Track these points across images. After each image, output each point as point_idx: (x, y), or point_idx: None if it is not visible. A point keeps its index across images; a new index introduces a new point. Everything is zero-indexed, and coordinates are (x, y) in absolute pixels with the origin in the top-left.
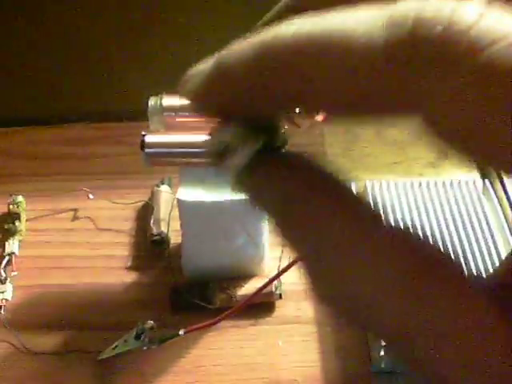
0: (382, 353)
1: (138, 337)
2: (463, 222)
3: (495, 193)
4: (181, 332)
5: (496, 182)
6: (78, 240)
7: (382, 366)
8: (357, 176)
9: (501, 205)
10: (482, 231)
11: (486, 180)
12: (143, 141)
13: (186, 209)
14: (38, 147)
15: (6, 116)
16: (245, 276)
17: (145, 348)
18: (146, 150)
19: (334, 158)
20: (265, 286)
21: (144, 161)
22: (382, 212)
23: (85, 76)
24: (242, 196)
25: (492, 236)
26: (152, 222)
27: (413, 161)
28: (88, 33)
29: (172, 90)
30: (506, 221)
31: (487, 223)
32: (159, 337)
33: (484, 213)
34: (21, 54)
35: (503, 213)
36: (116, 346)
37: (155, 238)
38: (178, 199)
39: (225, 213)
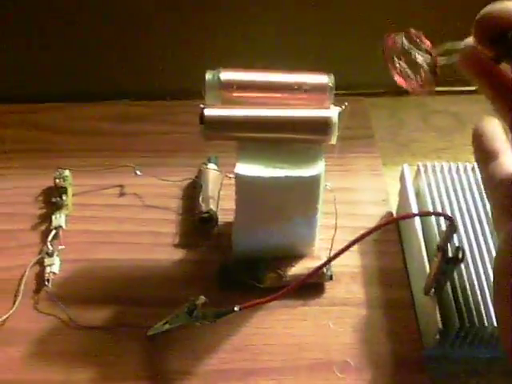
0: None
1: (189, 313)
2: None
3: None
4: (236, 308)
5: None
6: (124, 216)
7: (435, 351)
8: (405, 161)
9: None
10: None
11: None
12: (202, 114)
13: (243, 184)
14: (81, 123)
15: (47, 91)
16: (295, 256)
17: (198, 324)
18: (206, 122)
19: (382, 143)
20: (320, 267)
21: (203, 134)
22: None
23: (127, 53)
24: (300, 174)
25: None
26: (201, 199)
27: (459, 148)
28: (132, 9)
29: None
30: None
31: None
32: (213, 312)
33: None
34: (62, 31)
35: None
36: (166, 322)
37: (204, 215)
38: (237, 174)
39: (281, 189)
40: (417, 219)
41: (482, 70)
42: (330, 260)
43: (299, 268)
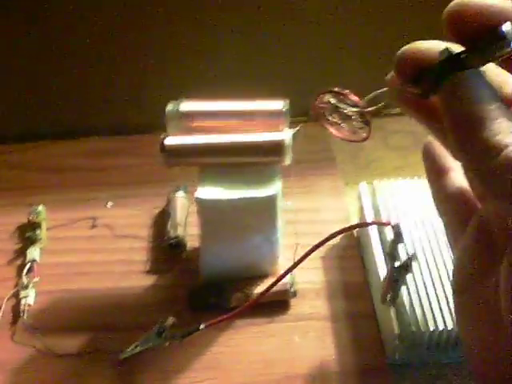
0: (395, 345)
1: (159, 334)
2: None
3: None
4: (201, 326)
5: None
6: (97, 247)
7: (396, 358)
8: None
9: None
10: None
11: None
12: (163, 143)
13: (204, 207)
14: (54, 160)
15: (20, 132)
16: (260, 276)
17: (167, 344)
18: (166, 150)
19: (343, 165)
20: (280, 278)
21: (164, 162)
22: None
23: (99, 90)
24: (256, 195)
25: None
26: (169, 226)
27: (417, 165)
28: (103, 50)
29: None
30: None
31: None
32: (181, 332)
33: None
34: (33, 72)
35: None
36: (138, 345)
37: (172, 241)
38: (197, 197)
39: (240, 210)
40: (374, 234)
41: (411, 107)
42: (287, 272)
43: (264, 287)
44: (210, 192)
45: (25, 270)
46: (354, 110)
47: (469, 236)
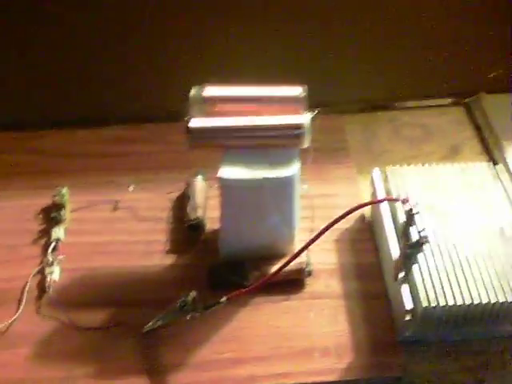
0: (406, 321)
1: (181, 307)
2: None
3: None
4: (223, 299)
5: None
6: (119, 228)
7: (407, 334)
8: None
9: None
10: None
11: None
12: (187, 124)
13: (226, 186)
14: (76, 146)
15: (43, 117)
16: (277, 255)
17: (188, 317)
18: (191, 131)
19: (357, 154)
20: (296, 255)
21: (188, 143)
22: None
23: (122, 80)
24: (276, 175)
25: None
26: (189, 208)
27: (427, 155)
28: (126, 40)
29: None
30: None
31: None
32: (203, 305)
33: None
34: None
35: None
36: (160, 318)
37: (192, 222)
38: (220, 177)
39: (260, 190)
40: (387, 216)
41: None
42: (302, 249)
43: (281, 266)
44: (231, 172)
45: (50, 249)
46: None
47: None
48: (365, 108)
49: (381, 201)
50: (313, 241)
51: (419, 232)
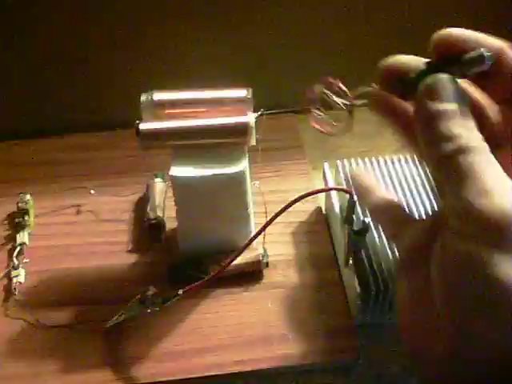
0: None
1: (141, 302)
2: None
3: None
4: (180, 291)
5: None
6: (82, 231)
7: (361, 318)
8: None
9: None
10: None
11: None
12: (137, 127)
13: (178, 184)
14: (38, 155)
15: (10, 129)
16: (234, 250)
17: (148, 311)
18: (141, 134)
19: (310, 150)
20: (250, 241)
21: (140, 145)
22: None
23: (81, 91)
24: (226, 171)
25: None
26: (149, 208)
27: (380, 149)
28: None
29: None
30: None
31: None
32: (161, 299)
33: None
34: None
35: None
36: (122, 313)
37: (152, 221)
38: (171, 175)
39: (212, 187)
40: (337, 207)
41: (387, 111)
42: (256, 235)
43: (239, 259)
44: (182, 170)
45: (15, 253)
46: (343, 101)
47: (406, 237)
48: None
49: (325, 190)
50: (261, 230)
51: (362, 219)
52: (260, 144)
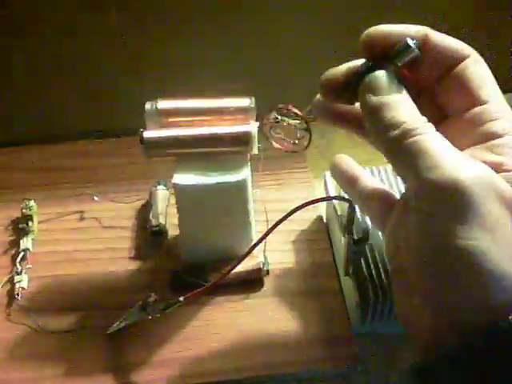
0: (358, 315)
1: (142, 309)
2: None
3: None
4: (181, 298)
5: None
6: (85, 237)
7: (360, 327)
8: None
9: None
10: None
11: None
12: (142, 135)
13: (180, 192)
14: (42, 162)
15: (15, 135)
16: (235, 257)
17: (150, 317)
18: (145, 142)
19: (313, 160)
20: (251, 249)
21: (143, 153)
22: None
23: (85, 98)
24: (228, 180)
25: None
26: (151, 215)
27: (381, 158)
28: (87, 56)
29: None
30: None
31: None
32: (162, 305)
33: None
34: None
35: None
36: (123, 320)
37: (155, 229)
38: (174, 183)
39: (214, 195)
40: (338, 216)
41: (335, 117)
42: (257, 243)
43: (239, 267)
44: (185, 178)
45: (18, 258)
46: (295, 120)
47: (391, 222)
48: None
49: (326, 199)
50: (263, 238)
51: (363, 227)
52: (261, 152)
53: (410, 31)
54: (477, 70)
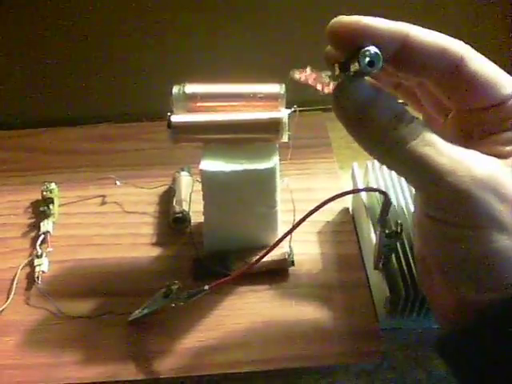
0: (386, 309)
1: (165, 296)
2: None
3: None
4: (206, 287)
5: None
6: (106, 221)
7: (387, 322)
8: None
9: None
10: None
11: None
12: (169, 120)
13: (207, 178)
14: (65, 144)
15: (37, 117)
16: (261, 246)
17: (173, 305)
18: (173, 126)
19: (339, 150)
20: (277, 243)
21: (170, 138)
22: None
23: (108, 81)
24: (256, 167)
25: None
26: (174, 202)
27: None
28: (109, 39)
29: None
30: None
31: None
32: (186, 293)
33: None
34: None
35: None
36: (145, 307)
37: (177, 215)
38: (201, 169)
39: (241, 182)
40: (367, 208)
41: None
42: (284, 236)
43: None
44: (213, 164)
45: (39, 241)
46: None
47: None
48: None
49: (358, 190)
50: (293, 229)
51: (396, 222)
52: (290, 141)
53: (384, 34)
54: (480, 65)
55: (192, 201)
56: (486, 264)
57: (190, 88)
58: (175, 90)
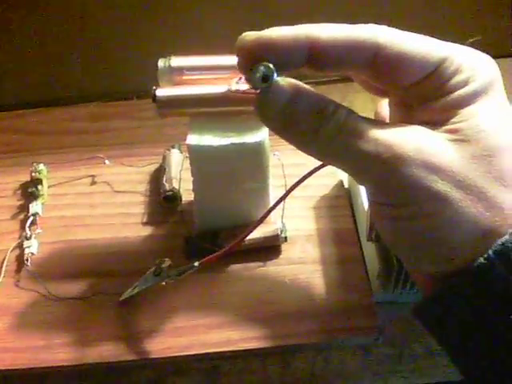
0: (379, 281)
1: (156, 274)
2: None
3: None
4: (196, 263)
5: None
6: (96, 201)
7: (381, 295)
8: None
9: None
10: None
11: None
12: (154, 94)
13: (195, 153)
14: (52, 125)
15: (23, 98)
16: (252, 223)
17: (164, 283)
18: (158, 101)
19: None
20: (267, 213)
21: (156, 112)
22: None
23: (96, 60)
24: (245, 141)
25: None
26: (164, 180)
27: None
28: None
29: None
30: None
31: None
32: (177, 270)
33: None
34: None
35: None
36: (136, 286)
37: (168, 193)
38: (188, 144)
39: (230, 156)
40: None
41: None
42: (273, 207)
43: (256, 233)
44: (200, 139)
45: (28, 223)
46: None
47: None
48: (342, 78)
49: None
50: (278, 202)
51: None
52: None
53: (284, 44)
54: (399, 44)
55: (183, 179)
56: (433, 238)
57: (176, 61)
58: (161, 63)
